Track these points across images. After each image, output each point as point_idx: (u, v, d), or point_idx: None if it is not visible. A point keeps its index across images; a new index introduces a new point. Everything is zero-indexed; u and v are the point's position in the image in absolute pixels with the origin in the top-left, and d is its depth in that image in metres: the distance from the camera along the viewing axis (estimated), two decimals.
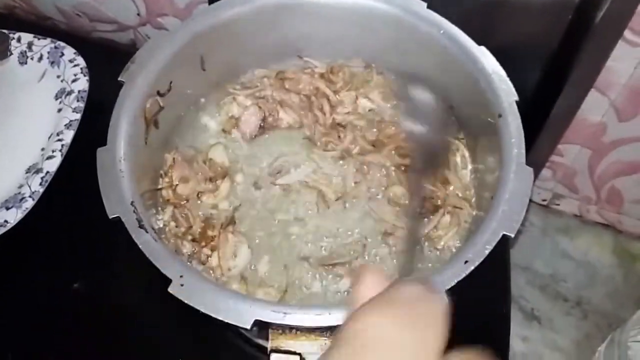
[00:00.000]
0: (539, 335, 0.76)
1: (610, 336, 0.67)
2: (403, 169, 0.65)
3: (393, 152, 0.66)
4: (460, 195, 0.63)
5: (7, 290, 0.70)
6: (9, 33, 0.81)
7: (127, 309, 0.68)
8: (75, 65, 0.78)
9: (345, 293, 0.58)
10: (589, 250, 0.83)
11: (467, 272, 0.48)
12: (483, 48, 0.62)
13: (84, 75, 0.77)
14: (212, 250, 0.60)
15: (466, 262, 0.48)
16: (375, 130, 0.69)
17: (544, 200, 0.86)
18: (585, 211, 0.85)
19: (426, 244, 0.61)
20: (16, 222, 0.65)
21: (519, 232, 0.84)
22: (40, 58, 0.81)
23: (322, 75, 0.72)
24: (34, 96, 0.79)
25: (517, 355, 0.74)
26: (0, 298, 0.69)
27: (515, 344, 0.74)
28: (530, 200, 0.87)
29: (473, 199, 0.63)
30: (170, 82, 0.65)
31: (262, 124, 0.69)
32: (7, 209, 0.66)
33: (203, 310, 0.46)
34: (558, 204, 0.86)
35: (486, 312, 0.68)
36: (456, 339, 0.67)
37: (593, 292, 0.79)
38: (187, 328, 0.66)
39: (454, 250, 0.60)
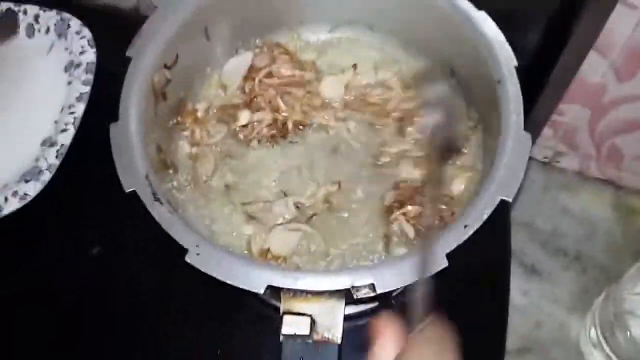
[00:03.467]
0: (539, 289, 0.78)
1: (606, 291, 0.70)
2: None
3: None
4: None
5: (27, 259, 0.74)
6: (15, 7, 0.82)
7: (144, 271, 0.72)
8: (82, 38, 0.79)
9: None
10: (589, 205, 0.85)
11: (467, 236, 0.50)
12: (483, 12, 0.63)
13: (91, 47, 0.78)
14: None
15: (465, 226, 0.51)
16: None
17: (545, 157, 0.88)
18: (585, 168, 0.86)
19: None
20: (36, 194, 0.68)
21: (520, 190, 0.86)
22: (47, 30, 0.82)
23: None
24: (44, 68, 0.80)
25: (518, 308, 0.77)
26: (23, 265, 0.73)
27: (516, 297, 0.77)
28: (532, 158, 0.89)
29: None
30: (177, 55, 0.66)
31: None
32: (26, 181, 0.69)
33: (219, 278, 0.49)
34: (559, 161, 0.88)
35: (487, 267, 0.71)
36: (460, 294, 0.70)
37: (592, 246, 0.81)
38: (204, 289, 0.69)
39: None
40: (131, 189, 0.54)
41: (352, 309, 0.55)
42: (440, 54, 0.69)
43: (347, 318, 0.52)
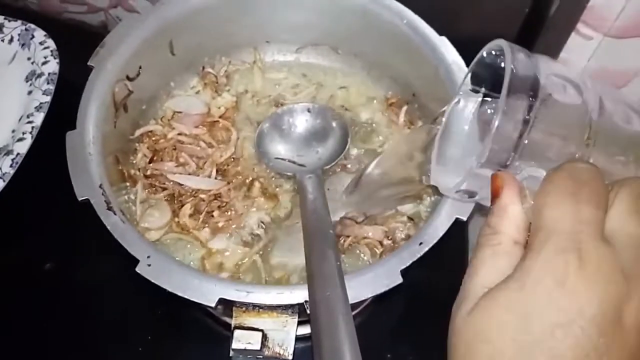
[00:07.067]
0: None
1: None
2: None
3: None
4: None
5: None
6: None
7: (98, 286, 0.70)
8: (45, 48, 0.78)
9: None
10: None
11: (422, 253, 0.51)
12: (444, 38, 0.64)
13: (54, 58, 0.77)
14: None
15: (420, 243, 0.51)
16: None
17: None
18: None
19: None
20: None
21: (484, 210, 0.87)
22: (11, 40, 0.81)
23: None
24: (5, 78, 0.79)
25: None
26: None
27: None
28: None
29: None
30: (140, 67, 0.66)
31: None
32: None
33: (169, 289, 0.48)
34: None
35: (445, 290, 0.71)
36: (415, 315, 0.70)
37: None
38: (156, 306, 0.68)
39: None
40: (84, 198, 0.53)
41: (307, 329, 0.55)
42: (402, 77, 0.71)
43: (301, 338, 0.52)
